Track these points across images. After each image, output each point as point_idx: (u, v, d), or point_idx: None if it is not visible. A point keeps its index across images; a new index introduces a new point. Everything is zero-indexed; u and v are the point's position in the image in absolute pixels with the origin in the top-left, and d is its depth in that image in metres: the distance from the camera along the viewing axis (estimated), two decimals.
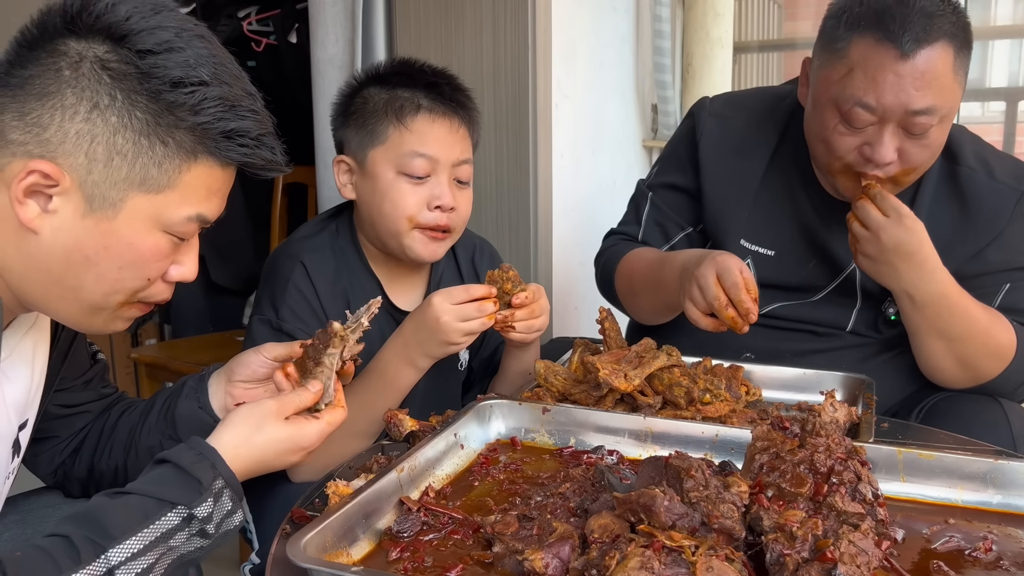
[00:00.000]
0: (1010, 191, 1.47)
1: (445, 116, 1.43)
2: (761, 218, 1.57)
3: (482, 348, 1.68)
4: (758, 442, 0.99)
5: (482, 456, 1.17)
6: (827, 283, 1.55)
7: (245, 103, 0.93)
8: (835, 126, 1.38)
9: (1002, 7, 3.11)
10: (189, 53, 0.90)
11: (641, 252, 1.63)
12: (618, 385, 1.24)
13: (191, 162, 0.91)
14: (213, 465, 0.90)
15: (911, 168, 1.38)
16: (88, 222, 0.89)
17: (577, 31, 2.35)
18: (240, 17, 2.69)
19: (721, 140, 1.61)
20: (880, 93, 1.31)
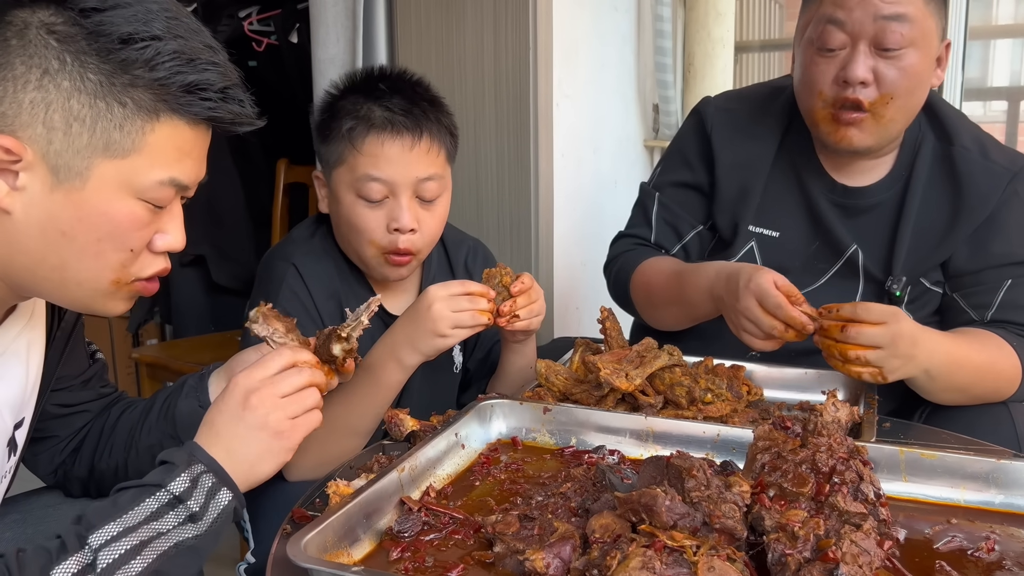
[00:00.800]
0: (1003, 171, 1.48)
1: (396, 135, 1.37)
2: (769, 201, 1.58)
3: (476, 348, 1.67)
4: (760, 442, 0.99)
5: (483, 456, 1.17)
6: (830, 265, 1.56)
7: (204, 55, 0.89)
8: (811, 58, 1.43)
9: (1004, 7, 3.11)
10: (138, 8, 0.86)
11: (656, 264, 1.61)
12: (619, 385, 1.24)
13: (154, 121, 0.87)
14: (190, 452, 0.90)
15: (888, 95, 1.39)
16: (58, 195, 0.86)
17: (578, 31, 2.35)
18: (241, 17, 2.69)
19: (732, 129, 1.62)
20: (849, 6, 1.37)
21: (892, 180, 1.54)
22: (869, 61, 1.38)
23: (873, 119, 1.41)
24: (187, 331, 2.95)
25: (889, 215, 1.53)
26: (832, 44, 1.39)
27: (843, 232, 1.54)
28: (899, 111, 1.42)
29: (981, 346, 1.39)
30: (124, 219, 0.89)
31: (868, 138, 1.43)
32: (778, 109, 1.62)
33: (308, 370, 0.99)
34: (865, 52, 1.38)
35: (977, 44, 2.92)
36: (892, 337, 1.24)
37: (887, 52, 1.37)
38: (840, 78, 1.40)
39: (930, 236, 1.50)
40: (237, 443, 0.92)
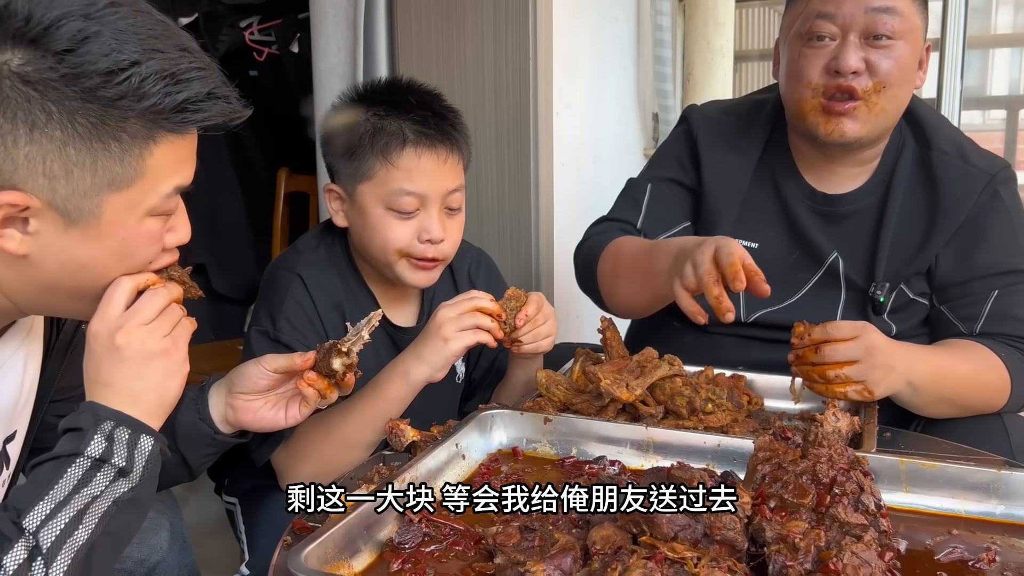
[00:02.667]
0: (980, 174, 1.47)
1: (432, 148, 1.39)
2: (749, 212, 1.58)
3: (482, 357, 1.67)
4: (760, 452, 0.99)
5: (484, 466, 1.17)
6: (811, 274, 1.56)
7: (184, 64, 0.86)
8: (800, 50, 1.43)
9: (1002, 16, 3.12)
10: (107, 34, 0.82)
11: (632, 239, 1.60)
12: (620, 395, 1.24)
13: (151, 146, 0.87)
14: (93, 411, 0.89)
15: (880, 83, 1.39)
16: (73, 233, 0.87)
17: (578, 40, 2.36)
18: (242, 27, 2.70)
19: (716, 138, 1.63)
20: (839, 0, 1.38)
21: (873, 186, 1.53)
22: (860, 52, 1.38)
23: (866, 107, 1.41)
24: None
25: (869, 222, 1.52)
26: (822, 33, 1.40)
27: (823, 240, 1.54)
28: (891, 101, 1.42)
29: (966, 357, 1.39)
30: (143, 238, 0.91)
31: (860, 128, 1.42)
32: (761, 122, 1.62)
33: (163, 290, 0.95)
34: (856, 43, 1.38)
35: (976, 53, 2.93)
36: (866, 348, 1.24)
37: (878, 42, 1.38)
38: (831, 68, 1.40)
39: (910, 242, 1.50)
40: (133, 383, 0.91)
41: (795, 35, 1.45)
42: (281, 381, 1.14)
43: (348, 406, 1.31)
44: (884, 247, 1.50)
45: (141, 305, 0.92)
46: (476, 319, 1.29)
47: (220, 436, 1.14)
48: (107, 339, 0.92)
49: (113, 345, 0.91)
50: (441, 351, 1.28)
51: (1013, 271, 1.46)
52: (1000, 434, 1.37)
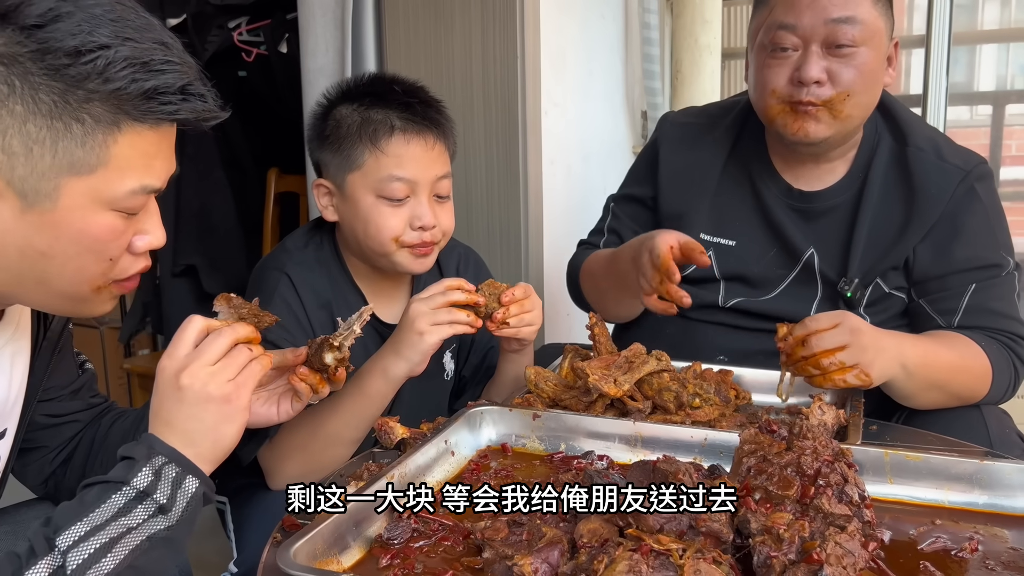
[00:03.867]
0: (955, 170, 1.49)
1: (419, 135, 1.42)
2: (722, 209, 1.61)
3: (472, 354, 1.68)
4: (746, 445, 1.00)
5: (473, 463, 1.18)
6: (788, 271, 1.58)
7: (158, 55, 0.86)
8: (764, 61, 1.46)
9: (989, 12, 3.13)
10: (81, 16, 0.82)
11: (596, 255, 1.67)
12: (608, 390, 1.25)
13: (116, 133, 0.85)
14: (149, 445, 0.89)
15: (844, 92, 1.42)
16: (30, 217, 0.85)
17: (566, 39, 2.37)
18: (231, 27, 2.69)
19: (680, 140, 1.67)
20: (799, 11, 1.41)
21: (849, 182, 1.55)
22: (822, 62, 1.41)
23: (830, 113, 1.43)
24: None
25: (845, 218, 1.55)
26: (784, 44, 1.43)
27: (799, 237, 1.56)
28: (855, 107, 1.44)
29: (950, 344, 1.41)
30: (101, 232, 0.89)
31: (825, 130, 1.44)
32: (728, 123, 1.65)
33: (227, 330, 0.95)
34: (818, 53, 1.41)
35: (963, 49, 2.95)
36: (851, 331, 1.26)
37: (839, 51, 1.40)
38: (795, 78, 1.43)
39: (885, 237, 1.52)
40: (189, 424, 0.91)
41: (759, 45, 1.48)
42: (273, 377, 1.14)
43: (333, 403, 1.31)
44: (858, 243, 1.52)
45: (205, 346, 0.93)
46: (452, 314, 1.30)
47: None
48: (172, 377, 0.92)
49: (177, 384, 0.92)
50: (417, 346, 1.29)
51: (990, 265, 1.48)
52: (980, 426, 1.39)
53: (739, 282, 1.61)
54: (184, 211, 2.84)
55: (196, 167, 2.84)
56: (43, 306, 0.96)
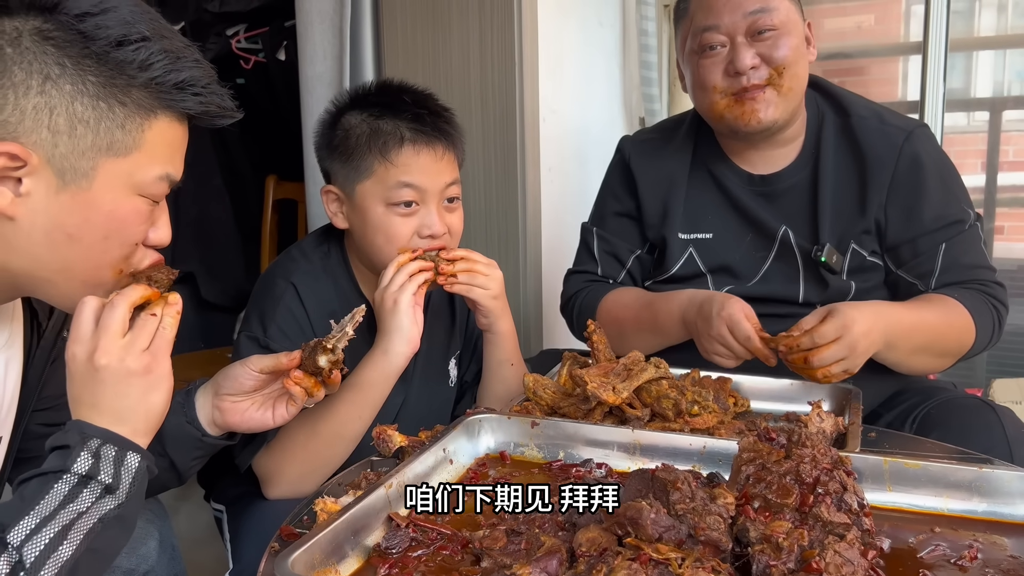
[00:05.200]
0: (897, 131, 1.59)
1: (429, 145, 1.42)
2: (694, 208, 1.70)
3: (473, 361, 1.69)
4: (744, 453, 1.00)
5: (471, 471, 1.18)
6: (767, 252, 1.65)
7: (187, 53, 0.93)
8: (699, 63, 1.57)
9: (985, 18, 3.14)
10: (124, 11, 0.89)
11: (619, 298, 1.71)
12: (606, 398, 1.25)
13: (152, 119, 0.91)
14: (80, 430, 0.89)
15: (780, 66, 1.52)
16: (63, 197, 0.88)
17: (564, 46, 2.37)
18: (229, 35, 2.70)
19: (646, 154, 1.76)
20: (718, 12, 1.53)
21: (804, 160, 1.64)
22: (751, 50, 1.52)
23: (774, 90, 1.53)
24: (176, 348, 2.93)
25: (807, 192, 1.63)
26: (713, 43, 1.54)
27: (769, 217, 1.64)
28: (794, 79, 1.54)
29: (929, 305, 1.49)
30: (129, 215, 0.93)
31: (774, 110, 1.54)
32: (683, 132, 1.75)
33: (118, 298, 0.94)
34: (744, 43, 1.52)
35: (960, 55, 2.96)
36: (849, 347, 1.32)
37: (763, 36, 1.52)
38: (730, 70, 1.53)
39: (848, 203, 1.60)
40: (116, 403, 0.91)
41: (690, 51, 1.60)
42: (267, 381, 1.14)
43: (332, 401, 1.32)
44: (824, 213, 1.60)
45: (106, 321, 0.92)
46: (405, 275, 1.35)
47: (208, 438, 1.14)
48: (86, 361, 0.92)
49: (93, 367, 0.91)
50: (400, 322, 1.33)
51: (954, 222, 1.56)
52: (996, 427, 1.39)
53: (724, 273, 1.68)
54: (182, 218, 2.85)
55: (194, 174, 2.83)
56: (58, 297, 0.97)
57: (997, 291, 1.54)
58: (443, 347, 1.65)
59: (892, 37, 3.10)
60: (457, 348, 1.68)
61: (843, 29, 3.06)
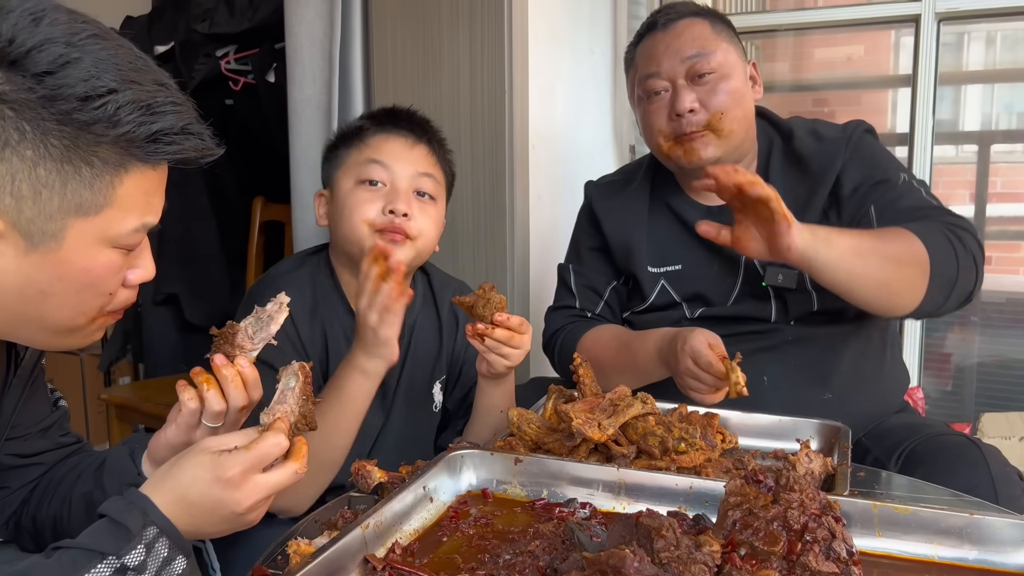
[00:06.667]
0: (837, 140, 1.66)
1: (399, 134, 1.54)
2: (659, 243, 1.74)
3: (457, 387, 1.68)
4: (731, 497, 0.97)
5: (452, 509, 1.15)
6: (735, 277, 1.69)
7: (161, 98, 0.87)
8: (645, 109, 1.67)
9: (974, 53, 3.16)
10: (88, 62, 0.83)
11: (599, 336, 1.72)
12: (592, 435, 1.22)
13: (123, 174, 0.87)
14: (144, 512, 0.86)
15: (718, 111, 1.59)
16: (34, 258, 0.86)
17: (555, 73, 2.36)
18: (218, 56, 2.68)
19: (608, 196, 1.83)
20: (658, 60, 1.63)
21: None
22: (691, 94, 1.60)
23: (713, 133, 1.61)
24: (159, 371, 2.91)
25: None
26: (656, 89, 1.63)
27: None
28: (733, 122, 1.61)
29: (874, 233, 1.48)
30: (103, 269, 0.90)
31: (714, 150, 1.61)
32: (641, 173, 1.82)
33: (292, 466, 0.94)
34: (685, 87, 1.60)
35: (948, 89, 2.97)
36: None
37: (702, 80, 1.60)
38: (672, 113, 1.61)
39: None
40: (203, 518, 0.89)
41: (638, 98, 1.69)
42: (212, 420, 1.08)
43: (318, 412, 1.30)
44: None
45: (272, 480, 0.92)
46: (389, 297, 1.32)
47: None
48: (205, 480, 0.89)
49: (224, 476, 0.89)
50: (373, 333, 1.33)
51: (877, 183, 1.60)
52: (981, 465, 1.38)
53: (698, 300, 1.70)
54: (167, 239, 2.81)
55: (181, 195, 2.82)
56: (32, 342, 0.96)
57: (948, 215, 1.53)
58: (428, 371, 1.64)
59: (882, 69, 3.11)
60: (442, 373, 1.67)
61: (833, 60, 3.07)
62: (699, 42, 1.61)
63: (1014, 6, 2.56)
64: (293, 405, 0.98)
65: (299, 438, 0.97)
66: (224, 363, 1.03)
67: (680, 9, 1.66)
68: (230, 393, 1.03)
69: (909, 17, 2.60)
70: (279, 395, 0.99)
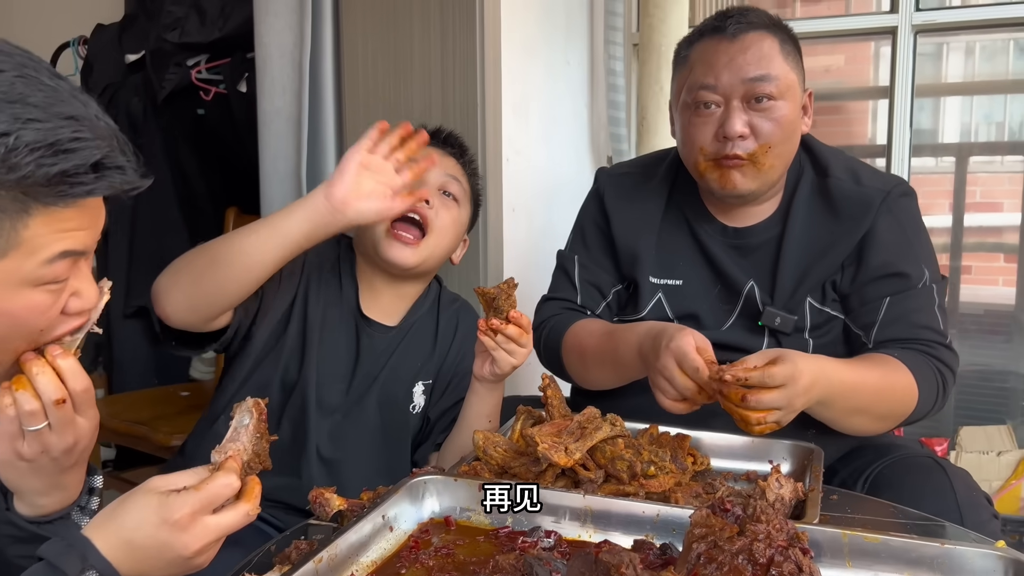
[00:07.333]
0: (876, 192, 1.55)
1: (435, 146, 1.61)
2: (667, 254, 1.66)
3: (445, 396, 1.66)
4: (696, 529, 0.94)
5: (413, 538, 1.11)
6: (732, 306, 1.62)
7: (65, 134, 0.80)
8: (689, 119, 1.54)
9: (953, 65, 3.17)
10: None
11: (587, 325, 1.64)
12: (558, 460, 1.19)
13: (26, 216, 0.81)
14: (83, 555, 0.82)
15: (766, 145, 1.49)
16: None
17: (529, 85, 2.34)
18: (189, 66, 2.64)
19: (621, 192, 1.72)
20: (717, 72, 1.49)
21: (778, 216, 1.61)
22: (744, 116, 1.48)
23: (753, 166, 1.51)
24: (129, 385, 2.86)
25: (775, 249, 1.59)
26: (707, 101, 1.50)
27: (738, 272, 1.60)
28: (777, 158, 1.51)
29: (872, 366, 1.42)
30: (24, 310, 0.85)
31: (751, 182, 1.52)
32: (663, 171, 1.71)
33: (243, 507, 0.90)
34: (739, 108, 1.48)
35: (927, 101, 2.97)
36: (789, 399, 1.25)
37: (759, 105, 1.48)
38: (720, 134, 1.49)
39: (810, 260, 1.56)
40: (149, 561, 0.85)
41: (683, 104, 1.56)
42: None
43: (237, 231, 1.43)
44: (783, 270, 1.56)
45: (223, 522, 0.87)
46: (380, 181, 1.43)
47: None
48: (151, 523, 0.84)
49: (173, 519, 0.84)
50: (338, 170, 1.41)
51: (902, 274, 1.51)
52: (947, 491, 1.36)
53: (691, 320, 1.63)
54: (138, 251, 2.77)
55: (151, 206, 2.77)
56: None
57: (945, 355, 1.48)
58: (412, 368, 1.64)
59: (862, 80, 3.11)
60: (428, 377, 1.66)
61: (812, 69, 3.06)
62: (764, 63, 1.47)
63: (990, 18, 2.57)
64: (246, 443, 0.93)
65: (252, 477, 0.92)
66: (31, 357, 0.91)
67: (752, 19, 1.50)
68: (40, 386, 0.90)
69: (886, 29, 2.60)
70: (232, 432, 0.95)
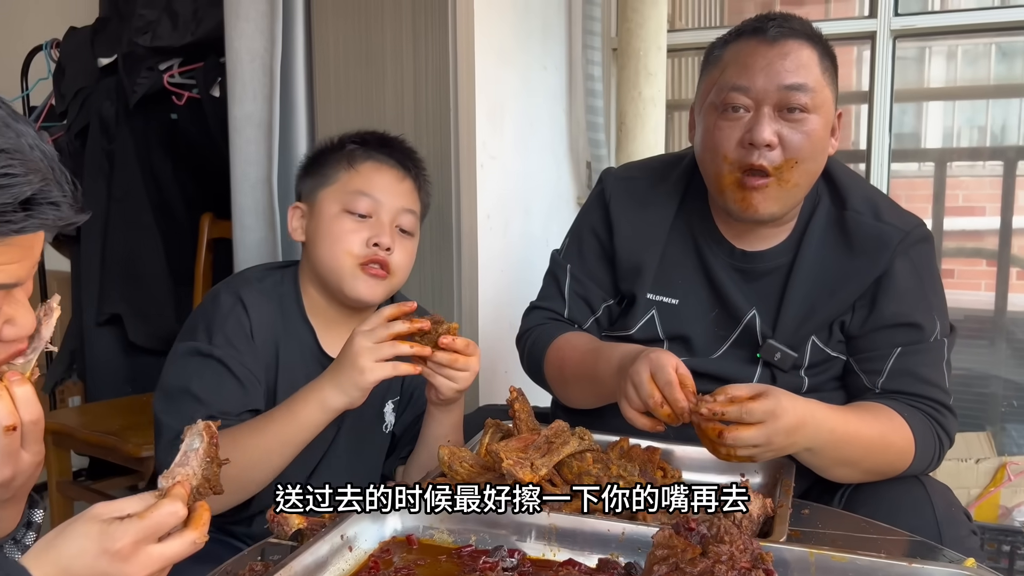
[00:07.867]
0: (894, 230, 1.47)
1: (393, 168, 1.52)
2: (667, 269, 1.57)
3: (407, 411, 1.63)
4: (658, 550, 0.93)
5: (373, 558, 1.09)
6: (729, 332, 1.54)
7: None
8: (716, 122, 1.43)
9: (935, 70, 3.16)
10: None
11: (572, 339, 1.58)
12: (523, 476, 1.16)
13: None
14: None
15: (793, 159, 1.39)
16: None
17: (505, 91, 2.31)
18: (162, 70, 2.61)
19: (628, 197, 1.62)
20: (752, 74, 1.39)
21: (791, 243, 1.53)
22: (774, 124, 1.39)
23: (778, 184, 1.41)
24: (103, 394, 2.81)
25: (783, 278, 1.51)
26: (737, 104, 1.40)
27: (740, 298, 1.52)
28: (803, 175, 1.42)
29: (872, 419, 1.37)
30: None
31: (773, 205, 1.42)
32: (675, 177, 1.61)
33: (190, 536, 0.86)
34: (770, 115, 1.39)
35: (909, 106, 2.97)
36: (767, 437, 1.20)
37: (791, 115, 1.39)
38: (745, 140, 1.39)
39: (819, 296, 1.48)
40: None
41: (710, 105, 1.45)
42: None
43: (260, 426, 1.30)
44: (789, 303, 1.49)
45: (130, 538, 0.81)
46: (395, 348, 1.28)
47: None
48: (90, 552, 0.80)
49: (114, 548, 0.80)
50: (359, 383, 1.28)
51: (915, 324, 1.45)
52: (926, 506, 1.34)
53: (681, 343, 1.56)
54: (109, 258, 2.73)
55: (124, 212, 2.74)
56: None
57: (948, 423, 1.43)
58: (380, 390, 1.60)
59: (842, 85, 3.09)
60: (396, 394, 1.64)
61: None
62: (803, 72, 1.38)
63: (968, 23, 2.57)
64: (196, 468, 0.90)
65: (201, 503, 0.88)
66: None
67: (794, 25, 1.41)
68: None
69: (865, 34, 2.59)
70: (181, 456, 0.91)
